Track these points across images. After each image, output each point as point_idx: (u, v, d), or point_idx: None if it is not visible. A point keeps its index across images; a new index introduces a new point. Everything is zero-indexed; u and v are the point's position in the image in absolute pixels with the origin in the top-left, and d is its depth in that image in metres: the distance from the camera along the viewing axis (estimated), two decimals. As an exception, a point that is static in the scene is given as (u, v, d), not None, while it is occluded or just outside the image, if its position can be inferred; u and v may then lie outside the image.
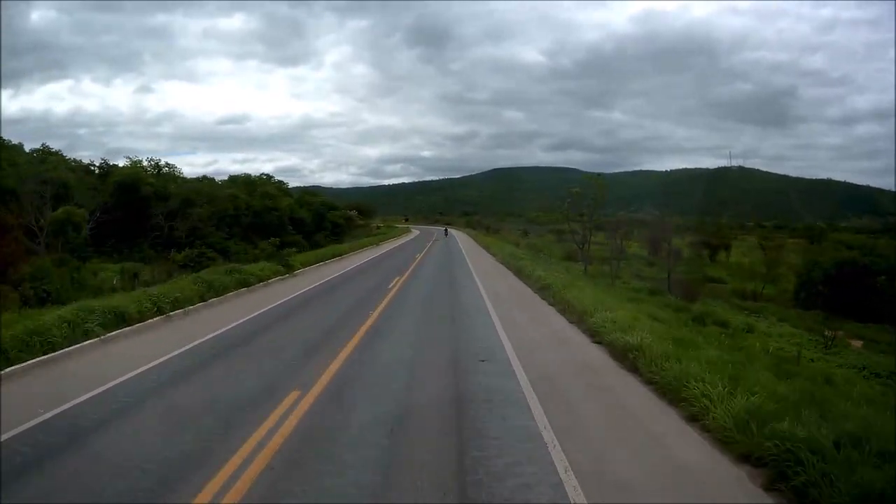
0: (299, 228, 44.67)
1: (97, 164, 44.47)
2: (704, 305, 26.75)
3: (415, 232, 72.77)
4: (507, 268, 22.90)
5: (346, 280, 18.79)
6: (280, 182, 54.07)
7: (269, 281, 17.71)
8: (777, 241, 67.61)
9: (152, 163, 44.92)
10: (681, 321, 17.82)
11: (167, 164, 45.59)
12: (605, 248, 52.14)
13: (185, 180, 43.83)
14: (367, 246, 37.87)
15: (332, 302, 13.83)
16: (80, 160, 44.77)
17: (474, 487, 4.18)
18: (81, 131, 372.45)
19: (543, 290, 14.45)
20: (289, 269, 19.80)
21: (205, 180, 49.49)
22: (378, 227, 67.91)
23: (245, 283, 16.30)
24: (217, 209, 36.67)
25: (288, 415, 5.67)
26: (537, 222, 79.92)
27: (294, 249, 20.80)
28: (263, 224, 40.45)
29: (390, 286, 16.11)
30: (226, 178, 57.49)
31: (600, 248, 51.33)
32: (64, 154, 44.45)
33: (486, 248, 35.59)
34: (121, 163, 43.51)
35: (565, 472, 4.43)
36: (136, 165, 44.01)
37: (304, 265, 22.21)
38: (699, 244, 50.22)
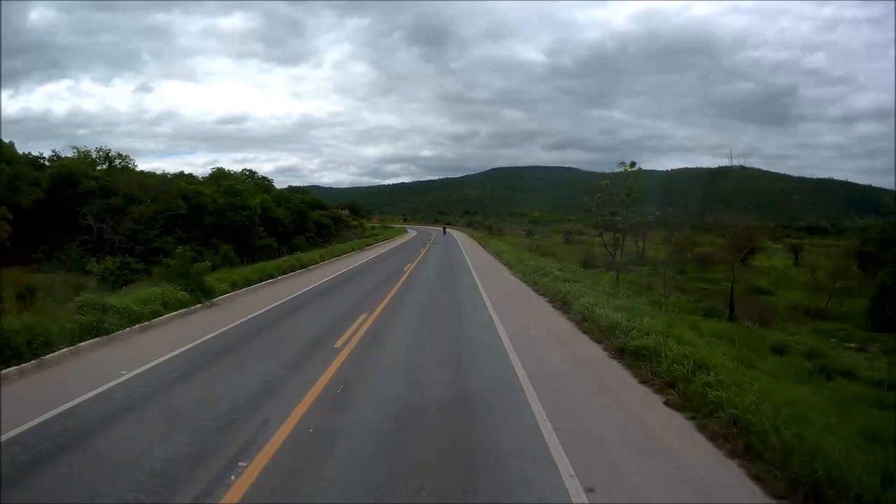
0: (274, 230, 37.39)
1: (46, 157, 37.64)
2: (784, 333, 19.82)
3: (411, 233, 64.32)
4: (540, 293, 15.35)
5: (281, 318, 11.55)
6: (263, 178, 47.30)
7: (157, 320, 10.59)
8: (795, 241, 60.78)
9: (101, 153, 37.88)
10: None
11: (119, 156, 38.56)
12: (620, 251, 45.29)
13: (139, 174, 36.59)
14: (348, 252, 30.59)
15: (214, 387, 6.69)
16: (29, 152, 37.89)
17: None
18: (81, 131, 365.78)
19: (631, 360, 7.28)
20: (204, 295, 12.66)
21: (183, 176, 42.45)
22: (372, 228, 60.16)
23: (97, 330, 9.18)
24: (165, 207, 29.51)
25: None
26: (541, 221, 73.06)
27: (208, 265, 13.60)
28: (227, 225, 33.35)
29: (338, 344, 8.79)
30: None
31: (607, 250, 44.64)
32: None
33: (496, 255, 27.66)
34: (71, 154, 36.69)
35: None
36: (83, 157, 37.01)
37: (240, 285, 15.08)
38: (732, 248, 43.20)
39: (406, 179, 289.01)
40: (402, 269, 21.76)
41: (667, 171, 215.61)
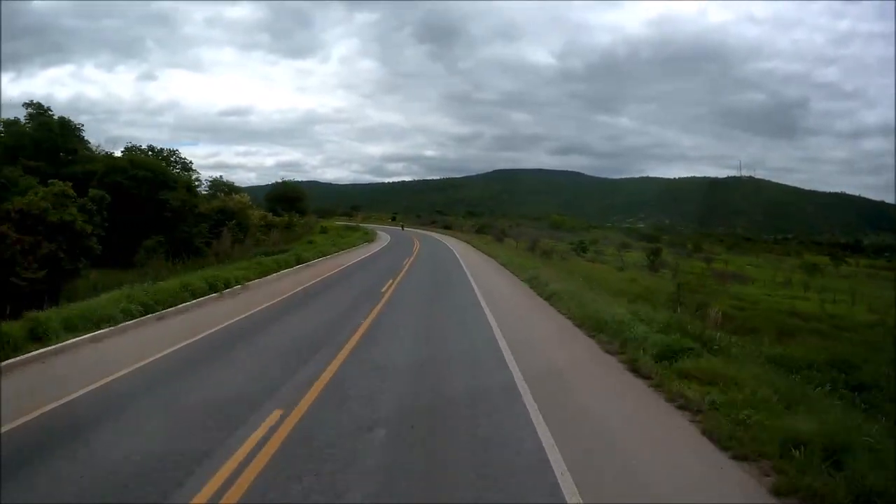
0: None
1: None
2: None
3: (381, 241, 36.67)
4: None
5: None
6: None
7: None
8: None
9: None
10: None
11: None
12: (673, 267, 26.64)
13: None
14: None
15: None
16: None
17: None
18: (83, 118, 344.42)
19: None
20: None
21: None
22: (322, 232, 37.40)
23: None
24: None
25: None
26: (563, 227, 54.42)
27: None
28: None
29: None
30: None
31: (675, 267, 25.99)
32: None
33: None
34: None
35: None
36: None
37: None
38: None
39: (407, 178, 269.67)
40: None
41: (673, 178, 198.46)
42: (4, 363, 5.96)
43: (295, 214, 33.24)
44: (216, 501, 3.39)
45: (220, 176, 32.92)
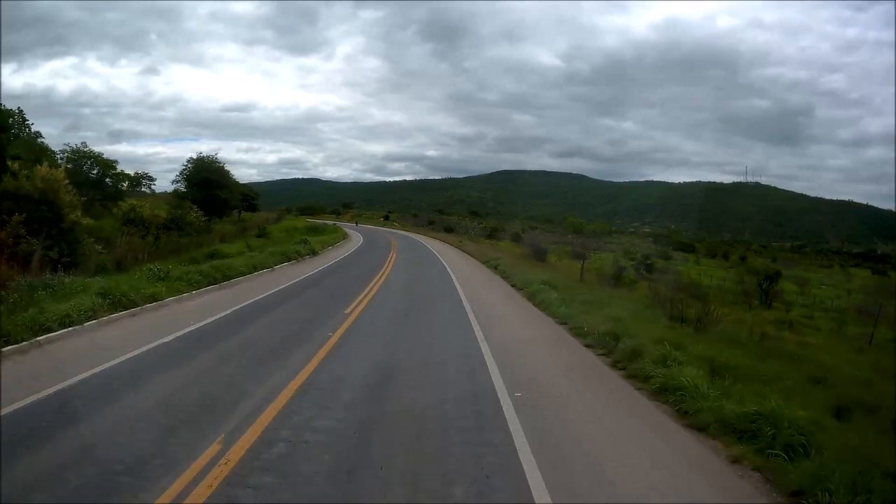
0: None
1: None
2: None
3: (329, 255, 23.62)
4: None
5: None
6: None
7: None
8: None
9: None
10: None
11: None
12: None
13: None
14: None
15: None
16: None
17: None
18: (85, 111, 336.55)
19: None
20: None
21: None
22: (258, 236, 26.64)
23: None
24: None
25: None
26: (584, 232, 47.34)
27: None
28: None
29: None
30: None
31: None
32: None
33: None
34: None
35: None
36: None
37: None
38: None
39: (409, 178, 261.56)
40: None
41: (678, 183, 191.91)
42: None
43: (194, 208, 20.40)
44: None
45: (86, 146, 21.75)
